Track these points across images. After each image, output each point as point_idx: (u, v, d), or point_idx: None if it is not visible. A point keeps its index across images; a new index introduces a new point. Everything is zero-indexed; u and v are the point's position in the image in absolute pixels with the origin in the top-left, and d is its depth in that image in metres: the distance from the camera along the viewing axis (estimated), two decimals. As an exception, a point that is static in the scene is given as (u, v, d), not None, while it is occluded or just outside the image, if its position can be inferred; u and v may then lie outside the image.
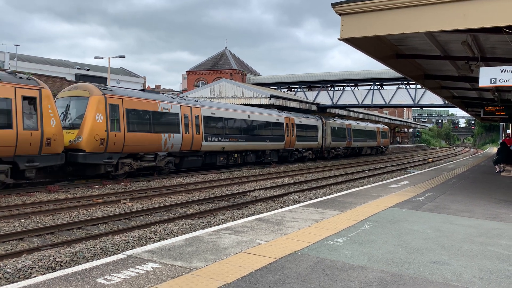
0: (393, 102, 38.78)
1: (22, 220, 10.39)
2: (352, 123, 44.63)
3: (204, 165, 23.97)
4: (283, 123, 30.83)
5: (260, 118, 28.32)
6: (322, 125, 37.15)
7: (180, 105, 21.47)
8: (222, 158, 24.79)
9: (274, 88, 46.02)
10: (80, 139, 16.83)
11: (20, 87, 14.31)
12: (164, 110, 20.39)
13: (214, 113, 23.99)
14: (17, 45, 48.48)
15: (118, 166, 18.28)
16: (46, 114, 14.85)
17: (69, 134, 16.95)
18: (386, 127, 57.57)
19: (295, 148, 32.81)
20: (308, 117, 35.31)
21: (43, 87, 15.14)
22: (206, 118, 23.18)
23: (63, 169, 17.60)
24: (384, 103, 39.21)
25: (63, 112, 17.54)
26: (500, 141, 28.39)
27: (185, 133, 21.37)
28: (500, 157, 21.62)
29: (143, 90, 21.95)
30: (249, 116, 27.19)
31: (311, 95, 42.94)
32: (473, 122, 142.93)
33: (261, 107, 33.09)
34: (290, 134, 31.57)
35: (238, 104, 33.60)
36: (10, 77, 14.46)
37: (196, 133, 22.13)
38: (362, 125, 47.48)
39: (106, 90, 18.15)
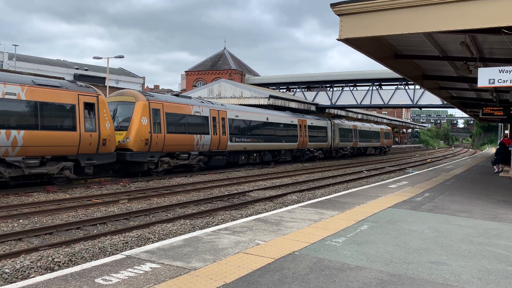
0: (392, 102, 38.81)
1: (21, 221, 10.37)
2: (358, 124, 46.37)
3: (228, 164, 25.94)
4: (296, 125, 32.88)
5: (276, 120, 30.41)
6: (331, 126, 39.26)
7: (210, 109, 23.61)
8: (243, 157, 26.89)
9: (273, 88, 46.02)
10: (128, 140, 18.84)
11: (82, 94, 16.42)
12: (196, 114, 22.51)
13: (238, 116, 26.15)
14: (15, 45, 48.46)
15: (158, 164, 20.25)
16: (102, 118, 16.96)
17: (117, 135, 18.58)
18: (389, 128, 59.48)
19: (307, 148, 34.84)
20: (318, 119, 37.36)
21: (99, 94, 17.22)
22: (231, 121, 25.35)
23: (110, 166, 19.19)
24: (382, 103, 39.25)
25: (111, 116, 18.78)
26: (499, 141, 28.42)
27: (214, 134, 23.48)
28: (499, 157, 21.64)
29: (177, 95, 23.65)
30: (267, 119, 29.22)
31: (310, 95, 42.96)
32: (471, 122, 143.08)
33: (260, 107, 33.20)
34: (303, 135, 33.67)
35: (237, 104, 33.67)
36: (73, 85, 16.53)
37: (223, 134, 24.27)
38: (367, 126, 49.42)
39: (149, 96, 20.26)
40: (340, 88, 41.82)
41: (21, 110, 14.36)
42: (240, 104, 33.71)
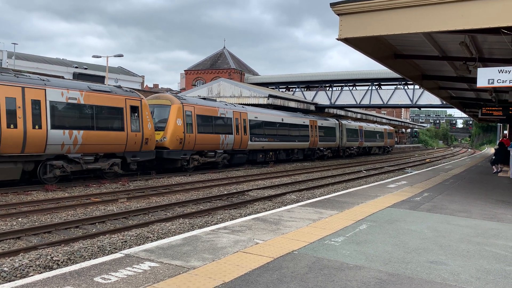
0: (391, 102, 38.83)
1: (20, 219, 10.36)
2: (363, 124, 48.64)
3: (247, 161, 28.01)
4: (308, 125, 34.96)
5: (290, 121, 32.50)
6: (339, 126, 41.31)
7: (233, 111, 25.82)
8: (261, 156, 29.05)
9: (273, 88, 46.00)
10: (165, 139, 20.77)
11: (128, 98, 18.42)
12: (222, 115, 24.72)
13: (257, 117, 28.30)
14: (15, 44, 48.39)
15: (189, 161, 22.27)
16: (145, 119, 18.95)
17: (155, 135, 20.14)
18: (392, 128, 62.13)
19: (318, 147, 37.02)
20: (327, 120, 39.56)
21: (142, 98, 19.26)
22: (251, 122, 27.50)
23: (149, 163, 21.02)
24: (382, 103, 39.28)
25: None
26: (498, 141, 28.44)
27: (236, 134, 25.70)
28: (498, 157, 21.66)
29: (204, 99, 25.71)
30: (282, 120, 31.39)
31: (309, 95, 42.96)
32: (470, 122, 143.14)
33: (259, 106, 33.26)
34: (314, 135, 35.77)
35: (236, 103, 33.75)
36: (120, 90, 18.58)
37: (244, 134, 26.47)
38: (371, 126, 51.66)
39: (182, 100, 22.37)
40: (340, 87, 41.82)
41: (80, 113, 16.47)
42: (240, 104, 33.79)
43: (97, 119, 16.90)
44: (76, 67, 56.71)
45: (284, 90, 46.70)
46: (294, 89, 45.12)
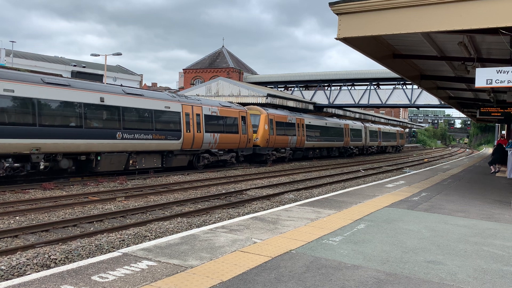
0: (390, 102, 38.84)
1: (17, 217, 10.34)
2: (381, 127, 56.12)
3: (302, 157, 35.48)
4: (343, 128, 41.67)
5: (331, 124, 39.19)
6: (364, 128, 47.90)
7: (296, 117, 33.10)
8: (311, 152, 36.44)
9: (271, 87, 45.95)
10: (257, 139, 28.36)
11: (240, 111, 26.16)
12: (289, 121, 31.99)
13: (310, 122, 35.31)
14: (13, 42, 48.19)
15: (270, 156, 29.64)
16: (249, 125, 26.71)
17: None
18: (402, 129, 69.19)
19: (349, 146, 43.81)
20: (356, 123, 46.37)
21: (247, 111, 27.07)
22: (307, 126, 34.50)
23: (246, 156, 28.08)
24: (380, 103, 39.28)
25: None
26: (496, 142, 28.49)
27: (298, 136, 32.96)
28: (496, 157, 21.69)
29: (276, 108, 33.47)
30: (326, 124, 38.09)
31: (308, 94, 42.93)
32: (469, 122, 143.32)
33: (258, 105, 33.32)
34: (347, 135, 42.55)
35: (235, 102, 33.82)
36: (234, 105, 26.43)
37: (303, 136, 33.70)
38: (387, 128, 59.22)
39: (267, 110, 29.93)
40: (338, 87, 41.82)
41: (218, 122, 23.99)
42: (238, 103, 33.82)
43: (226, 126, 24.45)
44: (75, 66, 56.59)
45: (283, 89, 46.66)
46: (292, 89, 45.10)
